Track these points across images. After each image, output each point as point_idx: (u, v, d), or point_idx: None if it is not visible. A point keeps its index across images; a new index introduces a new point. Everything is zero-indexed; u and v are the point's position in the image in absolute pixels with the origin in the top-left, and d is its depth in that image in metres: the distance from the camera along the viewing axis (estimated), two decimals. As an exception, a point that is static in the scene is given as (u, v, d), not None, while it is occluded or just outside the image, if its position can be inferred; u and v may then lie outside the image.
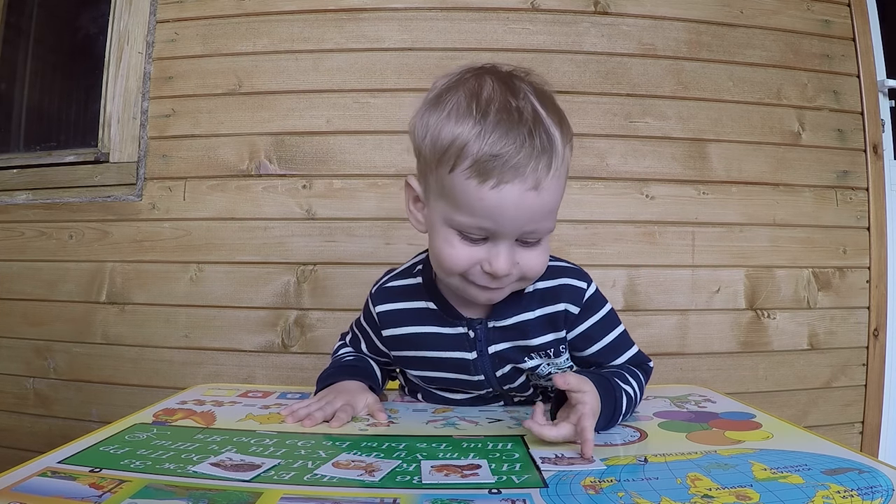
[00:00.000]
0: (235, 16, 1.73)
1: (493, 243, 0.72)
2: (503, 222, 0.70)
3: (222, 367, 1.67)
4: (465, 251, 0.73)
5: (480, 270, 0.73)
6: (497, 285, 0.75)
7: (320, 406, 0.77)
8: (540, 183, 0.69)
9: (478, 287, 0.75)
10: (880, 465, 0.58)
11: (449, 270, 0.75)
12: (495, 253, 0.72)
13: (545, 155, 0.69)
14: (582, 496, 0.52)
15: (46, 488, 0.52)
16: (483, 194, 0.68)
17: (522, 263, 0.74)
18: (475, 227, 0.71)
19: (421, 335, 0.85)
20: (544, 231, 0.73)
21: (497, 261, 0.71)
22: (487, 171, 0.67)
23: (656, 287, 1.69)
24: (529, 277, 0.77)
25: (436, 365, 0.86)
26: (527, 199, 0.69)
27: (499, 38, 1.69)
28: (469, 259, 0.73)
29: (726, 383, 1.67)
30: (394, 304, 0.88)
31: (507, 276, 0.73)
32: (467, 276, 0.74)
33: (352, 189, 1.67)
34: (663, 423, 0.77)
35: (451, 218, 0.73)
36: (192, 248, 1.70)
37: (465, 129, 0.69)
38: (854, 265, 1.77)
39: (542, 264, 0.76)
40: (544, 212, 0.71)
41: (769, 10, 1.76)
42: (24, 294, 1.77)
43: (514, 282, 0.76)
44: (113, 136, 1.79)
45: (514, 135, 0.68)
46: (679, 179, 1.71)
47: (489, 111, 0.69)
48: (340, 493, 0.52)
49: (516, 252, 0.73)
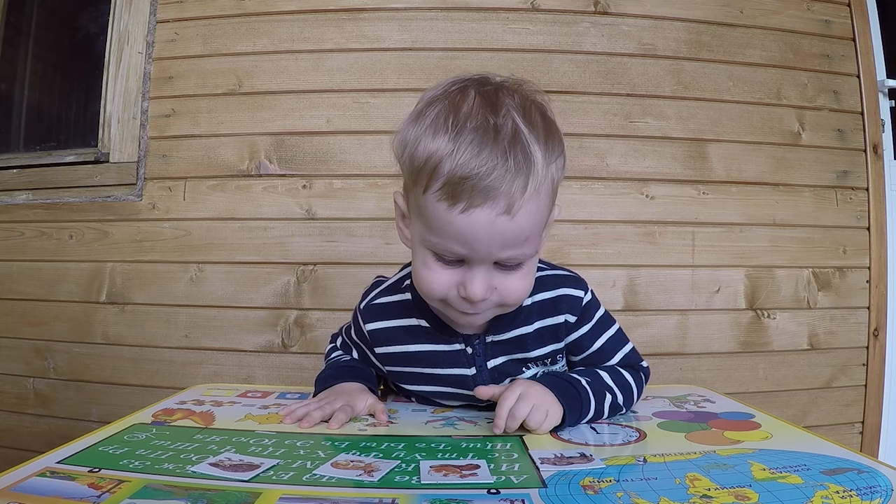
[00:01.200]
0: (235, 16, 1.73)
1: (468, 267, 0.69)
2: (476, 247, 0.67)
3: (222, 367, 1.67)
4: (442, 274, 0.71)
5: (457, 295, 0.71)
6: (474, 310, 0.72)
7: (319, 406, 0.77)
8: (513, 206, 0.64)
9: (456, 311, 0.74)
10: (880, 465, 0.58)
11: (427, 294, 0.74)
12: (470, 277, 0.69)
13: (520, 176, 0.64)
14: (581, 496, 0.52)
15: (46, 488, 0.52)
16: (452, 218, 0.65)
17: (501, 289, 0.71)
18: (448, 250, 0.68)
19: (416, 353, 0.84)
20: (524, 256, 0.70)
21: (472, 286, 0.69)
22: (457, 194, 0.64)
23: (656, 287, 1.69)
24: (509, 304, 0.74)
25: (433, 380, 0.85)
26: (498, 224, 0.65)
27: (499, 38, 1.69)
28: (445, 282, 0.71)
29: (726, 383, 1.67)
30: (385, 322, 0.86)
31: (484, 302, 0.71)
32: (446, 300, 0.73)
33: (352, 189, 1.67)
34: (662, 423, 0.77)
35: (426, 238, 0.70)
36: (192, 248, 1.70)
37: (440, 147, 0.66)
38: (854, 265, 1.77)
39: (522, 290, 0.73)
40: (520, 237, 0.67)
41: (769, 10, 1.76)
42: (24, 294, 1.77)
43: (494, 307, 0.74)
44: (113, 136, 1.79)
45: (486, 154, 0.64)
46: (679, 179, 1.71)
47: (465, 128, 0.65)
48: (339, 494, 0.52)
49: (494, 276, 0.70)
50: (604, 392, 0.78)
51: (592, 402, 0.76)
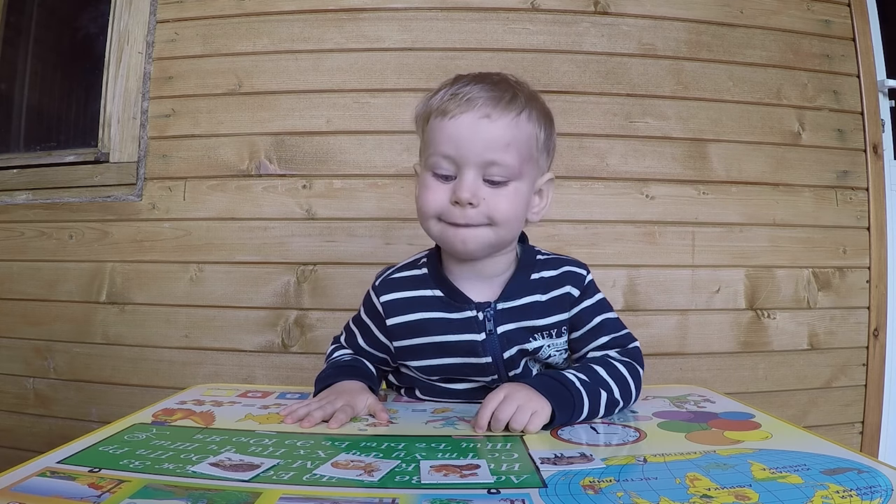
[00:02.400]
0: (235, 16, 1.73)
1: (459, 178, 0.79)
2: (462, 146, 0.78)
3: (222, 367, 1.67)
4: (437, 189, 0.80)
5: (450, 206, 0.79)
6: (465, 220, 0.79)
7: (320, 406, 0.77)
8: (492, 114, 0.77)
9: (453, 227, 0.80)
10: (880, 465, 0.58)
11: (427, 211, 0.82)
12: (460, 180, 0.79)
13: (503, 100, 0.78)
14: (581, 496, 0.52)
15: (46, 488, 0.52)
16: (444, 125, 0.79)
17: (488, 202, 0.79)
18: (441, 156, 0.79)
19: (428, 321, 0.87)
20: (505, 165, 0.78)
21: (460, 187, 0.78)
22: (448, 109, 0.78)
23: (656, 287, 1.69)
24: (498, 220, 0.80)
25: (443, 350, 0.87)
26: (481, 126, 0.77)
27: (499, 38, 1.69)
28: (441, 195, 0.80)
29: (726, 383, 1.67)
30: (400, 293, 0.90)
31: (474, 211, 0.79)
32: (442, 217, 0.81)
33: (352, 189, 1.67)
34: (662, 423, 0.77)
35: (426, 161, 0.82)
36: (192, 248, 1.70)
37: (441, 91, 0.82)
38: (854, 265, 1.77)
39: (507, 208, 0.80)
40: (500, 141, 0.78)
41: (769, 10, 1.76)
42: (24, 294, 1.77)
43: (486, 225, 0.80)
44: (113, 136, 1.79)
45: (474, 84, 0.79)
46: (679, 179, 1.71)
47: (461, 78, 0.82)
48: (339, 493, 0.52)
49: (482, 189, 0.79)
50: (598, 389, 0.79)
51: (586, 400, 0.77)
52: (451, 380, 0.90)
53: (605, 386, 0.80)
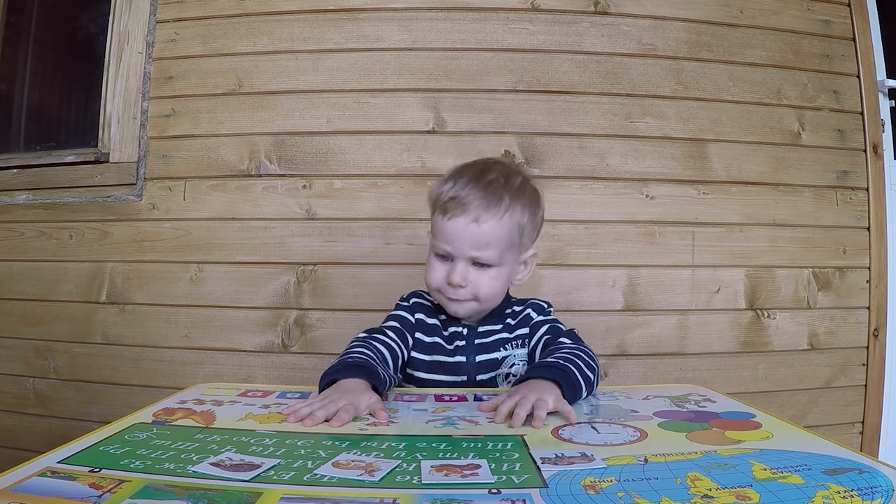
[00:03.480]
0: (235, 16, 1.73)
1: (454, 264, 1.01)
2: (455, 243, 1.00)
3: (222, 367, 1.67)
4: (437, 268, 1.03)
5: (446, 283, 1.02)
6: (456, 296, 1.02)
7: (322, 405, 0.78)
8: (480, 219, 0.98)
9: (447, 299, 1.03)
10: (880, 465, 0.58)
11: (430, 285, 1.05)
12: (453, 267, 1.01)
13: (491, 206, 0.99)
14: (582, 496, 0.52)
15: (46, 488, 0.52)
16: (443, 224, 1.00)
17: (475, 281, 1.01)
18: (441, 247, 1.02)
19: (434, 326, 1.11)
20: (489, 258, 1.00)
21: (453, 272, 1.01)
22: (448, 209, 1.00)
23: (656, 287, 1.69)
24: (481, 297, 1.02)
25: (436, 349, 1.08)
26: (470, 229, 0.98)
27: (499, 38, 1.69)
28: (439, 273, 1.02)
29: (726, 383, 1.67)
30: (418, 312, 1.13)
31: (462, 289, 1.01)
32: (441, 291, 1.03)
33: (352, 189, 1.67)
34: (663, 422, 0.77)
35: (432, 244, 1.04)
36: (192, 248, 1.70)
37: (446, 185, 1.02)
38: (854, 265, 1.77)
39: (489, 287, 1.02)
40: (483, 241, 0.99)
41: (769, 10, 1.76)
42: (24, 294, 1.77)
43: (472, 301, 1.03)
44: (113, 136, 1.79)
45: (471, 189, 0.99)
46: (679, 179, 1.71)
47: (464, 174, 1.02)
48: (340, 493, 0.52)
49: (471, 271, 1.01)
50: (572, 359, 0.92)
51: (573, 369, 0.89)
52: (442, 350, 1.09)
53: (574, 354, 0.94)
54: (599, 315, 1.67)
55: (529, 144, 1.68)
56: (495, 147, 1.67)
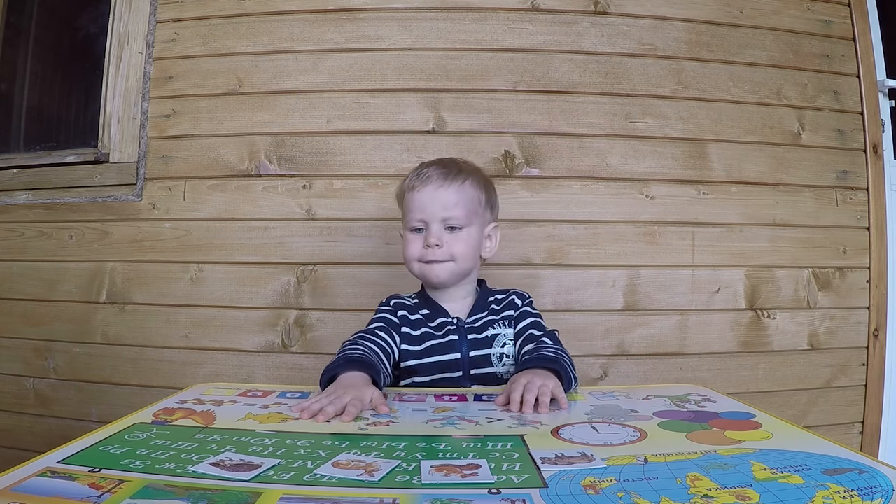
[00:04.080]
0: (235, 16, 1.73)
1: (428, 231, 1.12)
2: (426, 209, 1.12)
3: (222, 367, 1.67)
4: (414, 241, 1.13)
5: (424, 249, 1.11)
6: (435, 257, 1.11)
7: (331, 402, 0.80)
8: (443, 185, 1.12)
9: (428, 265, 1.12)
10: (880, 465, 0.58)
11: (410, 256, 1.14)
12: (428, 231, 1.12)
13: (451, 178, 1.13)
14: (582, 496, 0.52)
15: (46, 488, 0.52)
16: (413, 196, 1.14)
17: (449, 243, 1.11)
18: (415, 218, 1.13)
19: (417, 320, 1.16)
20: (458, 218, 1.11)
21: (429, 235, 1.11)
22: (415, 185, 1.14)
23: (656, 287, 1.69)
24: (457, 256, 1.12)
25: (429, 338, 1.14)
26: (438, 194, 1.11)
27: (499, 38, 1.69)
28: (417, 245, 1.13)
29: (726, 383, 1.67)
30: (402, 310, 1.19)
31: (439, 248, 1.10)
32: (420, 259, 1.13)
33: (352, 189, 1.67)
34: (663, 422, 0.77)
35: (405, 223, 1.16)
36: (192, 248, 1.70)
37: (411, 176, 1.17)
38: (854, 265, 1.77)
39: (463, 248, 1.12)
40: (451, 201, 1.11)
41: (769, 10, 1.76)
42: (24, 294, 1.77)
43: (449, 261, 1.12)
44: (113, 136, 1.79)
45: (433, 168, 1.14)
46: (679, 179, 1.71)
47: (424, 165, 1.18)
48: (340, 493, 0.52)
49: (445, 234, 1.12)
50: (562, 356, 1.00)
51: (566, 364, 0.96)
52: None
53: (560, 355, 1.01)
54: (599, 315, 1.67)
55: (529, 144, 1.68)
56: (495, 147, 1.67)
